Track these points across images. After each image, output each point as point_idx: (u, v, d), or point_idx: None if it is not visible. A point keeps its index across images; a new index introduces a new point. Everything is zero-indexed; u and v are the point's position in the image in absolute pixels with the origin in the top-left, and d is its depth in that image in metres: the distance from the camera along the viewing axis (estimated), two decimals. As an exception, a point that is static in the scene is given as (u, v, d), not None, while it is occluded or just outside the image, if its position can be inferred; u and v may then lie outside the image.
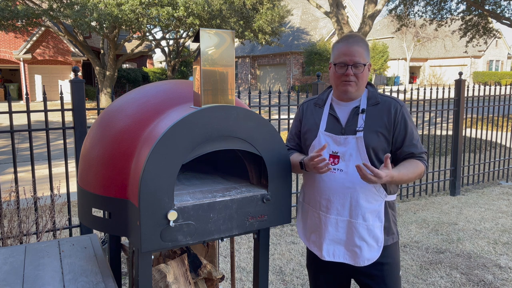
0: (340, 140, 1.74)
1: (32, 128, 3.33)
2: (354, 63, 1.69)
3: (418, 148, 1.75)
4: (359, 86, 1.75)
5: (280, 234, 4.35)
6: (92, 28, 14.04)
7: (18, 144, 10.32)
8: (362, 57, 1.70)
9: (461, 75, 5.66)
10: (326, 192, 1.76)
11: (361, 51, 1.70)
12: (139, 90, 1.79)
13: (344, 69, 1.72)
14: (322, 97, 1.90)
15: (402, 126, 1.73)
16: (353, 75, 1.71)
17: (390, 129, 1.73)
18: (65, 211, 4.83)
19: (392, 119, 1.73)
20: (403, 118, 1.74)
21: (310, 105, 1.93)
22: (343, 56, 1.71)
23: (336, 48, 1.76)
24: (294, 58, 28.78)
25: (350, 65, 1.70)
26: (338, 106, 1.82)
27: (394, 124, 1.73)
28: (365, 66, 1.71)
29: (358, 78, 1.72)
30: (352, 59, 1.69)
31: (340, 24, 12.70)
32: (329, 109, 1.83)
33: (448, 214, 4.95)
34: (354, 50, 1.69)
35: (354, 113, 1.77)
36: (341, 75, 1.73)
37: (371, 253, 1.73)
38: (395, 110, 1.74)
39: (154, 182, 1.42)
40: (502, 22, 14.96)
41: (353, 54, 1.69)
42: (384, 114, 1.74)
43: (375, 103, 1.77)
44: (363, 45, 1.72)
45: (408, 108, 7.66)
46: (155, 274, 1.79)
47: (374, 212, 1.73)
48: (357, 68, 1.71)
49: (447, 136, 7.01)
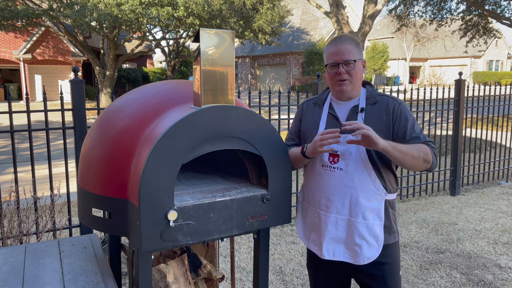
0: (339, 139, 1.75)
1: (32, 128, 3.33)
2: (344, 61, 1.72)
3: (421, 139, 1.71)
4: (354, 83, 1.76)
5: (280, 234, 4.35)
6: (92, 28, 14.04)
7: (18, 144, 10.32)
8: (351, 54, 1.72)
9: (461, 75, 5.66)
10: (326, 191, 1.76)
11: (350, 48, 1.73)
12: (139, 90, 1.79)
13: (336, 69, 1.74)
14: (322, 97, 1.91)
15: (401, 120, 1.73)
16: (345, 73, 1.73)
17: (389, 126, 1.73)
18: (65, 211, 4.83)
19: (390, 115, 1.73)
20: (401, 112, 1.74)
21: (310, 104, 1.94)
22: (333, 56, 1.74)
23: (326, 50, 1.80)
24: (294, 58, 28.78)
25: (341, 64, 1.72)
26: (337, 105, 1.83)
27: (393, 119, 1.73)
28: (355, 62, 1.73)
29: (351, 76, 1.74)
30: (341, 57, 1.72)
31: (340, 24, 12.69)
32: (329, 108, 1.84)
33: (448, 214, 4.95)
34: (342, 48, 1.72)
35: (353, 112, 1.78)
36: (334, 75, 1.76)
37: (371, 252, 1.73)
38: (392, 107, 1.75)
39: (154, 182, 1.42)
40: (502, 22, 14.96)
41: (342, 52, 1.72)
42: (383, 112, 1.74)
43: (374, 102, 1.77)
44: (351, 43, 1.74)
45: (408, 108, 7.62)
46: (155, 274, 1.79)
47: (374, 211, 1.73)
48: (348, 65, 1.72)
49: (447, 136, 7.01)
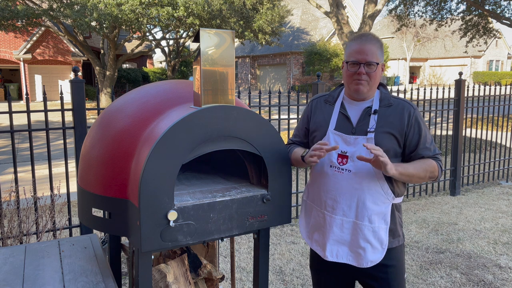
0: (350, 140, 1.71)
1: (32, 128, 3.33)
2: (366, 61, 1.66)
3: (431, 151, 1.73)
4: (371, 86, 1.71)
5: (280, 234, 4.35)
6: (92, 28, 14.04)
7: (18, 144, 10.32)
8: (375, 56, 1.67)
9: (461, 75, 5.66)
10: (333, 192, 1.73)
11: (374, 50, 1.67)
12: (139, 90, 1.79)
13: (356, 68, 1.68)
14: (334, 94, 1.86)
15: (416, 130, 1.71)
16: (365, 73, 1.67)
17: (402, 133, 1.70)
18: (65, 211, 4.83)
19: (405, 122, 1.70)
20: (416, 122, 1.72)
21: (320, 101, 1.89)
22: (356, 54, 1.68)
23: (349, 47, 1.73)
24: (294, 58, 28.76)
25: (363, 64, 1.67)
26: (349, 105, 1.78)
27: (407, 127, 1.70)
28: (377, 65, 1.68)
29: (370, 78, 1.69)
30: (364, 57, 1.66)
31: (340, 24, 12.69)
32: (340, 107, 1.79)
33: (448, 214, 4.95)
34: (367, 48, 1.66)
35: (365, 114, 1.73)
36: (353, 74, 1.70)
37: (374, 255, 1.71)
38: (408, 113, 1.71)
39: (154, 182, 1.42)
40: (502, 22, 14.95)
41: (366, 52, 1.66)
42: (397, 116, 1.71)
43: (388, 105, 1.73)
44: (376, 44, 1.69)
45: (421, 114, 7.60)
46: (155, 274, 1.79)
47: (380, 214, 1.70)
48: (370, 67, 1.67)
49: (447, 136, 7.01)
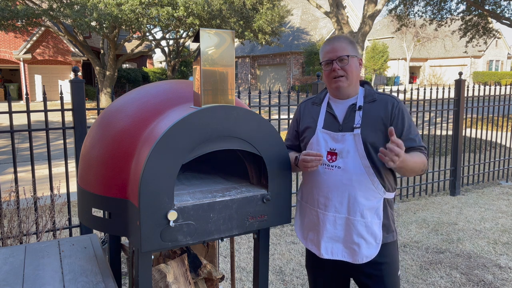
0: (337, 137, 1.77)
1: (32, 128, 3.33)
2: (337, 57, 1.75)
3: (416, 142, 1.76)
4: (351, 80, 1.77)
5: (280, 234, 4.35)
6: (92, 28, 14.04)
7: (18, 144, 10.32)
8: (345, 50, 1.75)
9: (461, 75, 5.66)
10: (324, 189, 1.77)
11: (343, 45, 1.76)
12: (139, 90, 1.79)
13: (330, 66, 1.77)
14: (320, 96, 1.93)
15: (399, 120, 1.75)
16: (340, 69, 1.75)
17: (387, 124, 1.74)
18: (65, 211, 4.83)
19: (388, 113, 1.75)
20: (400, 112, 1.76)
21: (308, 104, 1.97)
22: (327, 54, 1.79)
23: (321, 51, 1.84)
24: (294, 58, 28.77)
25: (335, 60, 1.75)
26: (335, 103, 1.85)
27: (391, 118, 1.74)
28: (349, 57, 1.75)
29: (346, 72, 1.76)
30: (335, 54, 1.75)
31: (340, 24, 12.69)
32: (327, 107, 1.86)
33: (448, 214, 4.95)
34: (335, 45, 1.76)
35: (351, 110, 1.79)
36: (329, 72, 1.79)
37: (369, 250, 1.73)
38: (391, 105, 1.76)
39: (154, 182, 1.42)
40: (502, 22, 14.95)
41: (335, 49, 1.76)
42: (381, 110, 1.76)
43: (372, 100, 1.79)
44: (345, 41, 1.78)
45: (408, 108, 7.68)
46: (155, 274, 1.79)
47: (372, 209, 1.73)
48: (342, 61, 1.75)
49: (447, 136, 7.01)
